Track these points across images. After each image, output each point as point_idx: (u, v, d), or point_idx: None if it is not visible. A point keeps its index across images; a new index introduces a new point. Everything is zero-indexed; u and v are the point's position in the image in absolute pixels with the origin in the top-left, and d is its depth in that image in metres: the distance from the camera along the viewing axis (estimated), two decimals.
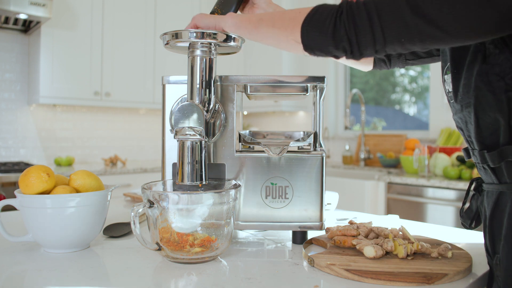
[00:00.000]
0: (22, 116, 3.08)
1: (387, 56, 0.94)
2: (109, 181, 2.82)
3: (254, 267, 0.74)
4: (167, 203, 0.72)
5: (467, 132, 0.73)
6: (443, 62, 0.80)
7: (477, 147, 0.70)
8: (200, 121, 0.78)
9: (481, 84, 0.66)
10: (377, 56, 0.68)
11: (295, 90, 0.91)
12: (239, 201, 0.87)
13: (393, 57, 0.95)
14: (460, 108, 0.72)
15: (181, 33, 0.80)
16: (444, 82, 0.80)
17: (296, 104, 3.82)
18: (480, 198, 0.76)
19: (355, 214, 1.23)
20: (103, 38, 3.10)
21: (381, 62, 0.97)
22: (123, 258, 0.79)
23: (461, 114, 0.72)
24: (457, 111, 0.74)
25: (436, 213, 2.39)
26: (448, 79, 0.77)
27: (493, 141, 0.67)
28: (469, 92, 0.68)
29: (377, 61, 0.97)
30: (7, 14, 2.55)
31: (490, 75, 0.64)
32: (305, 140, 0.89)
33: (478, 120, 0.68)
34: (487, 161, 0.68)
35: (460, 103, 0.71)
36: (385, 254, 0.76)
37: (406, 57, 0.94)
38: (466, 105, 0.69)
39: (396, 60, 0.95)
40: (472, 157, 0.74)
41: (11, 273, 0.70)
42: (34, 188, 0.79)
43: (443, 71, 0.79)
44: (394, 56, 0.94)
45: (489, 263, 0.74)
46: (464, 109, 0.70)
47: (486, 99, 0.66)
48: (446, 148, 2.70)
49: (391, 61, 0.96)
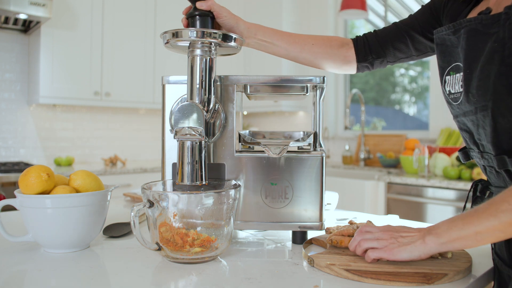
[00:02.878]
0: (22, 116, 3.08)
1: (371, 62, 1.00)
2: (109, 181, 2.82)
3: (254, 267, 0.74)
4: (167, 203, 0.72)
5: (478, 135, 0.71)
6: (445, 63, 0.78)
7: (493, 152, 0.68)
8: (200, 121, 0.77)
9: (500, 87, 0.64)
10: None
11: (295, 90, 0.91)
12: (239, 201, 0.87)
13: (376, 63, 1.00)
14: (473, 110, 0.70)
15: (181, 32, 0.80)
16: (444, 83, 0.79)
17: (296, 104, 3.82)
18: (485, 200, 0.75)
19: (355, 214, 1.23)
20: (103, 38, 3.10)
21: (363, 68, 1.02)
22: (123, 258, 0.78)
23: (473, 116, 0.70)
24: (466, 113, 0.72)
25: (436, 213, 2.39)
26: (451, 80, 0.75)
27: (511, 145, 0.65)
28: (486, 95, 0.66)
29: (360, 67, 1.01)
30: (7, 14, 2.55)
31: (510, 78, 0.62)
32: (305, 140, 0.89)
33: (496, 124, 0.66)
34: (508, 166, 0.66)
35: (475, 105, 0.69)
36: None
37: (387, 59, 0.99)
38: (481, 108, 0.67)
39: (379, 65, 1.00)
40: (481, 160, 0.73)
41: (11, 273, 0.70)
42: (34, 188, 0.79)
43: (444, 72, 0.79)
44: (377, 62, 0.99)
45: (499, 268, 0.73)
46: (479, 112, 0.68)
47: (505, 103, 0.63)
48: (446, 148, 2.70)
49: (374, 66, 1.01)
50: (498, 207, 0.59)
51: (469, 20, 0.72)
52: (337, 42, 0.99)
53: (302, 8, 3.81)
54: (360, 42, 0.99)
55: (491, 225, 0.59)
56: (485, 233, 0.60)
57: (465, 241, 0.62)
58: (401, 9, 3.52)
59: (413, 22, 0.93)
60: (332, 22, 3.74)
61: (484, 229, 0.60)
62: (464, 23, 0.73)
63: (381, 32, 0.98)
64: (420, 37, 0.92)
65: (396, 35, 0.95)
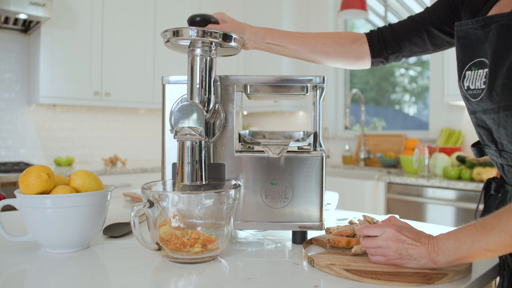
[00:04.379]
0: (22, 116, 3.08)
1: (386, 57, 0.97)
2: (109, 181, 2.82)
3: (254, 267, 0.74)
4: (167, 203, 0.72)
5: (498, 134, 0.70)
6: (466, 57, 0.76)
7: None
8: (200, 121, 0.77)
9: None
10: None
11: (295, 90, 0.91)
12: (239, 201, 0.87)
13: (391, 58, 0.97)
14: (495, 108, 0.68)
15: (182, 30, 0.80)
16: (463, 78, 0.76)
17: (296, 104, 3.82)
18: (499, 198, 0.75)
19: (355, 214, 1.23)
20: (103, 38, 3.10)
21: (378, 63, 0.99)
22: (123, 258, 0.78)
23: (494, 115, 0.69)
24: (486, 111, 0.71)
25: (436, 213, 2.39)
26: (472, 75, 0.73)
27: None
28: (511, 95, 0.65)
29: (375, 62, 0.99)
30: (7, 14, 2.55)
31: None
32: (305, 140, 0.89)
33: None
34: None
35: (498, 104, 0.68)
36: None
37: (403, 54, 0.96)
38: (505, 107, 0.66)
39: (394, 59, 0.98)
40: (499, 158, 0.72)
41: (11, 273, 0.70)
42: (34, 188, 0.79)
43: (464, 67, 0.76)
44: (392, 57, 0.97)
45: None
46: (502, 111, 0.67)
47: None
48: (446, 148, 2.70)
49: (389, 60, 0.98)
50: (508, 222, 0.59)
51: (501, 15, 0.69)
52: (349, 39, 0.97)
53: (302, 8, 3.81)
54: (375, 37, 0.97)
55: (501, 241, 0.60)
56: (495, 250, 0.61)
57: (473, 258, 0.64)
58: (401, 9, 3.52)
59: (430, 16, 0.91)
60: (332, 22, 3.74)
61: (494, 247, 0.61)
62: (496, 17, 0.70)
63: (397, 26, 0.95)
64: (438, 32, 0.90)
65: (412, 29, 0.93)
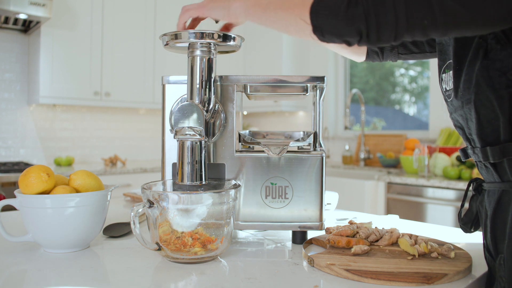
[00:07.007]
0: (22, 116, 3.08)
1: (381, 48, 0.94)
2: (109, 181, 2.82)
3: (254, 267, 0.74)
4: (167, 203, 0.72)
5: (468, 129, 0.72)
6: (441, 61, 0.79)
7: (479, 144, 0.69)
8: (200, 121, 0.78)
9: (481, 79, 0.65)
10: (394, 43, 0.63)
11: (295, 90, 0.91)
12: (239, 201, 0.87)
13: (386, 50, 0.94)
14: (460, 105, 0.71)
15: (180, 33, 0.80)
16: (441, 81, 0.79)
17: (296, 104, 3.82)
18: (479, 198, 0.76)
19: (355, 214, 1.23)
20: (103, 38, 3.10)
21: (374, 54, 0.96)
22: (123, 258, 0.78)
23: (461, 111, 0.71)
24: (456, 109, 0.73)
25: (436, 213, 2.39)
26: (446, 77, 0.76)
27: (494, 137, 0.66)
28: (470, 88, 0.67)
29: (370, 52, 0.96)
30: (7, 14, 2.55)
31: (490, 71, 0.64)
32: (305, 140, 0.89)
33: (479, 116, 0.67)
34: (489, 158, 0.67)
35: (461, 100, 0.70)
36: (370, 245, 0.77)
37: (398, 50, 0.93)
38: (466, 101, 0.69)
39: (389, 53, 0.94)
40: (473, 156, 0.74)
41: (11, 273, 0.70)
42: (34, 188, 0.79)
43: (441, 70, 0.79)
44: (387, 48, 0.94)
45: (489, 264, 0.73)
46: (465, 105, 0.69)
47: (486, 95, 0.65)
48: (446, 148, 2.70)
49: (384, 54, 0.95)
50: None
51: None
52: None
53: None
54: None
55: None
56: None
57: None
58: None
59: None
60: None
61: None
62: None
63: None
64: None
65: None
